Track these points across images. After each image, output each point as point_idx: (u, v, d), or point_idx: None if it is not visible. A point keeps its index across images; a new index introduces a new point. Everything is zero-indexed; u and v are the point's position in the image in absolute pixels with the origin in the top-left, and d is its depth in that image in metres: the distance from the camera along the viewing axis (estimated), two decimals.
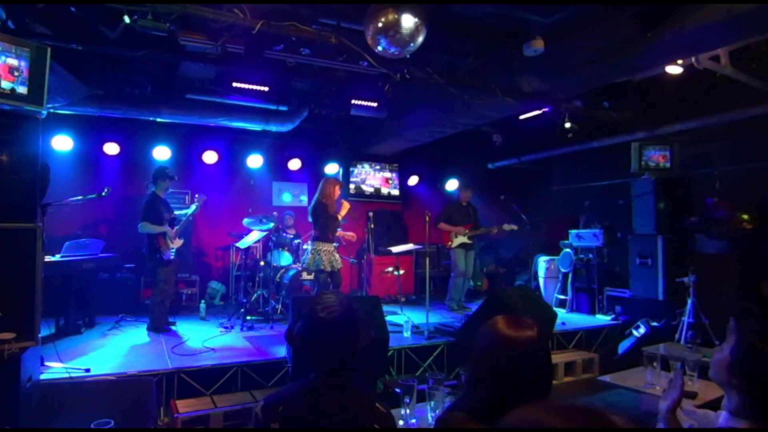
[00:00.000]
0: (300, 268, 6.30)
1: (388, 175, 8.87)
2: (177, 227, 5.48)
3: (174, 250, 5.40)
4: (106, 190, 4.61)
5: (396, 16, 3.63)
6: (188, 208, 5.88)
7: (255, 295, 6.30)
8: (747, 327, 1.49)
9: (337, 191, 5.48)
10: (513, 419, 0.77)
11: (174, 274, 5.54)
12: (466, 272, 6.91)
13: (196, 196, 5.91)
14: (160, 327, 5.26)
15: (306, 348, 1.56)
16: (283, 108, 6.81)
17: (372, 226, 7.35)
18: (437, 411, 2.24)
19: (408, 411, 2.28)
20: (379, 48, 3.85)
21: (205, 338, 5.04)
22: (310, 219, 5.52)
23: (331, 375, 1.52)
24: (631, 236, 6.57)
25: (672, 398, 1.73)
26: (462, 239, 6.81)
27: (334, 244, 5.57)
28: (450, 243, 6.87)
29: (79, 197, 4.62)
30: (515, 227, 6.84)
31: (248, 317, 5.80)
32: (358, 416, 1.47)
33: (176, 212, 5.62)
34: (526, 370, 1.27)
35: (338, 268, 5.46)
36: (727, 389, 1.51)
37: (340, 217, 5.44)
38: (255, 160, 7.75)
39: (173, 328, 5.42)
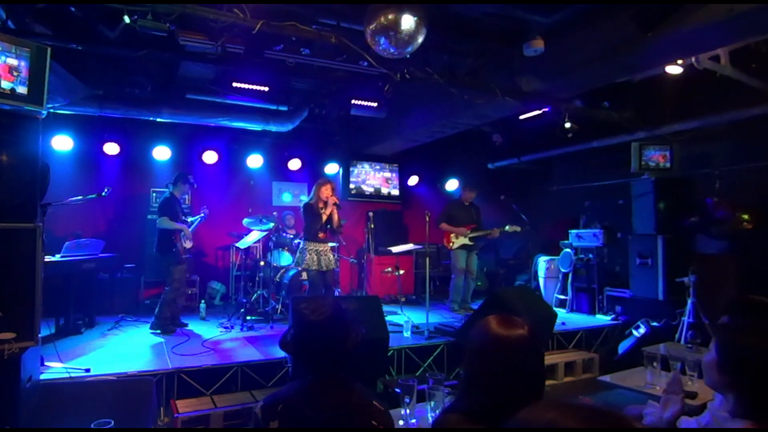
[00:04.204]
0: (295, 267, 6.31)
1: (388, 175, 8.87)
2: (190, 228, 5.61)
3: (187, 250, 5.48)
4: (106, 190, 4.62)
5: (396, 16, 3.63)
6: (191, 214, 6.01)
7: (255, 295, 6.30)
8: (729, 324, 1.49)
9: (324, 191, 5.37)
10: (526, 418, 0.73)
11: (186, 274, 5.60)
12: (469, 273, 6.86)
13: (203, 208, 5.93)
14: (166, 327, 5.20)
15: (301, 352, 1.60)
16: (283, 108, 6.81)
17: (372, 226, 7.35)
18: (437, 411, 2.23)
19: (408, 411, 2.27)
20: (379, 48, 3.85)
21: (205, 338, 5.04)
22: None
23: (328, 375, 1.56)
24: (631, 236, 6.57)
25: (673, 411, 1.72)
26: (463, 240, 6.75)
27: (330, 244, 5.55)
28: (451, 244, 6.80)
29: (79, 197, 4.62)
30: (518, 228, 6.67)
31: (248, 317, 5.80)
32: (356, 412, 1.50)
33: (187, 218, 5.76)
34: (517, 368, 1.27)
35: (330, 269, 5.38)
36: (723, 390, 1.51)
37: (324, 217, 5.33)
38: (255, 160, 7.75)
39: (187, 329, 5.44)
